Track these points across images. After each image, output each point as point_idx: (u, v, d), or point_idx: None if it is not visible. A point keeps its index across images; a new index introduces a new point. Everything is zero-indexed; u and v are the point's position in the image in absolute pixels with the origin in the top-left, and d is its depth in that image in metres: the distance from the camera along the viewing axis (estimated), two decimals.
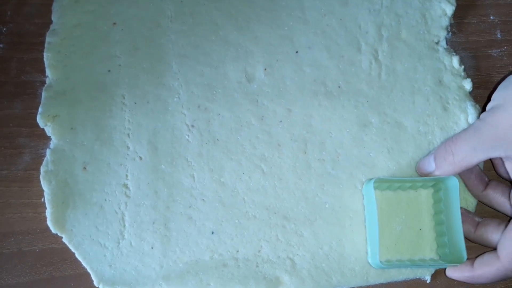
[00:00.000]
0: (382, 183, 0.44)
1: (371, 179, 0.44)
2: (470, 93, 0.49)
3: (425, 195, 0.45)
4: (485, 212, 0.46)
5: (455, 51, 0.50)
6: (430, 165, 0.45)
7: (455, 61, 0.49)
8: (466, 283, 0.44)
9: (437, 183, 0.45)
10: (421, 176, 0.46)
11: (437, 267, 0.45)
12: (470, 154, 0.42)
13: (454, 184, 0.43)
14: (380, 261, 0.42)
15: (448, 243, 0.43)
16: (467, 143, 0.42)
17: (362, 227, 0.45)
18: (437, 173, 0.44)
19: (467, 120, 0.47)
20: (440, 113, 0.48)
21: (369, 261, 0.44)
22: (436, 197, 0.45)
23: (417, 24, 0.50)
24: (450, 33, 0.51)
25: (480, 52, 0.51)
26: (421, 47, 0.49)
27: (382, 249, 0.44)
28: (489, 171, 0.47)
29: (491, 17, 0.53)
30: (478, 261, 0.42)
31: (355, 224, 0.45)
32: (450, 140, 0.44)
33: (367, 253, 0.45)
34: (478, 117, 0.47)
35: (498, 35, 0.52)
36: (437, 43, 0.50)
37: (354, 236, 0.45)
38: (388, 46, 0.49)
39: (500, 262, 0.41)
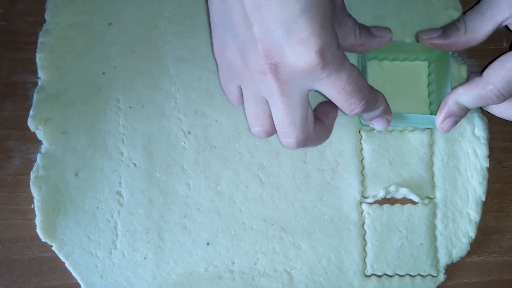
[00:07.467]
0: (378, 53, 0.46)
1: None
2: None
3: (419, 66, 0.47)
4: None
5: (462, 60, 0.49)
6: (437, 31, 0.44)
7: (463, 70, 0.47)
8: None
9: (428, 56, 0.46)
10: (422, 43, 0.45)
11: (425, 126, 0.46)
12: (479, 20, 0.42)
13: (445, 53, 0.45)
14: None
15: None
16: (476, 10, 0.42)
17: (361, 239, 0.44)
18: (447, 42, 0.43)
19: (473, 131, 0.46)
20: None
21: (362, 122, 0.45)
22: (429, 69, 0.47)
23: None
24: None
25: (486, 61, 0.49)
26: None
27: None
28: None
29: None
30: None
31: (353, 236, 0.44)
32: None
33: (360, 121, 0.46)
34: (485, 129, 0.46)
35: (504, 44, 0.51)
36: None
37: (353, 249, 0.44)
38: None
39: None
